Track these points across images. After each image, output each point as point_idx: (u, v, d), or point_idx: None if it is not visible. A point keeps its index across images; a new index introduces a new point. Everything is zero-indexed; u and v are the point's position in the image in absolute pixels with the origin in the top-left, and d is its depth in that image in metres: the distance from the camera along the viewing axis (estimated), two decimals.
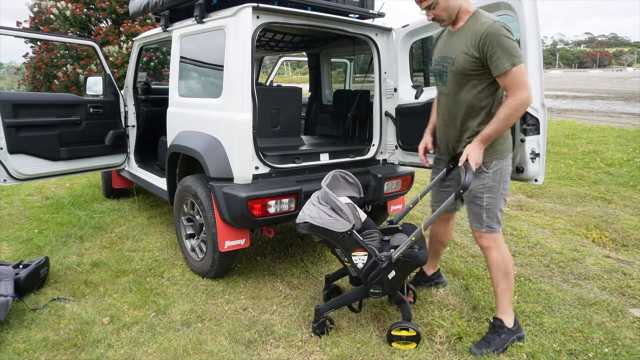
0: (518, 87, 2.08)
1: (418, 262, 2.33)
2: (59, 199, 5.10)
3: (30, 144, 3.62)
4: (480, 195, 2.32)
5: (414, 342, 2.36)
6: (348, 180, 2.66)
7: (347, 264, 2.40)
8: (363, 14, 3.37)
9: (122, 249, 3.68)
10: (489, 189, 2.30)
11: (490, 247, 2.37)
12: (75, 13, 9.84)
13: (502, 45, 2.07)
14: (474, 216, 2.39)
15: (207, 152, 2.92)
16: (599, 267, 3.35)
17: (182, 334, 2.48)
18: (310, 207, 2.35)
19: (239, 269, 3.34)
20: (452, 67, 2.27)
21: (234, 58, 2.80)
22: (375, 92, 3.48)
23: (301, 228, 2.33)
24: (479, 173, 2.29)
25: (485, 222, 2.34)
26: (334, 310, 2.58)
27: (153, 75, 10.38)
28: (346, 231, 2.27)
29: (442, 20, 2.28)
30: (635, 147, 7.52)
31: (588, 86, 35.05)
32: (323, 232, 2.28)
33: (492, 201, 2.31)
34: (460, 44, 2.22)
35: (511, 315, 2.40)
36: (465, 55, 2.19)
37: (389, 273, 2.32)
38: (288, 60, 6.97)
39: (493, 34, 2.08)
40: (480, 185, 2.31)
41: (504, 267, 2.37)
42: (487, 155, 2.26)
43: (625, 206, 4.86)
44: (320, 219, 2.26)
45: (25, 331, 2.50)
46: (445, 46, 2.35)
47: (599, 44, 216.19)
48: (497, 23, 2.10)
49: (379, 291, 2.37)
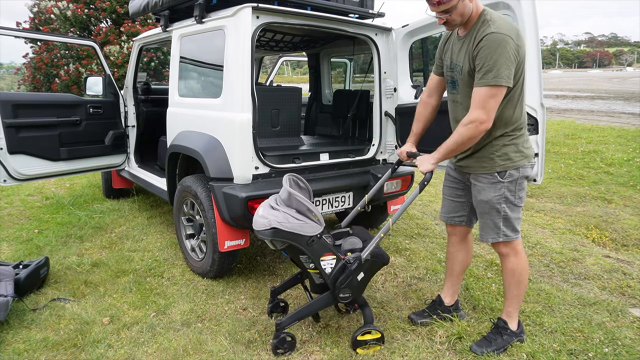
0: (481, 107, 1.99)
1: (383, 262, 2.32)
2: (59, 199, 5.10)
3: (30, 144, 3.62)
4: (497, 207, 2.22)
5: (379, 345, 2.32)
6: (300, 185, 2.45)
7: (312, 271, 2.29)
8: (363, 14, 3.37)
9: (122, 249, 3.68)
10: (506, 199, 2.20)
11: (508, 253, 2.30)
12: (76, 13, 9.84)
13: (488, 60, 1.95)
14: (490, 227, 2.27)
15: (207, 152, 2.92)
16: (599, 267, 3.35)
17: (182, 334, 2.48)
18: (272, 212, 2.18)
19: (239, 269, 3.34)
20: (460, 76, 2.18)
21: (234, 58, 2.80)
22: (375, 92, 3.48)
23: (264, 235, 2.15)
24: (494, 183, 2.20)
25: (503, 231, 2.25)
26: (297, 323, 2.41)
27: (153, 75, 10.38)
28: (316, 235, 2.18)
29: (455, 24, 2.14)
30: (635, 147, 7.52)
31: (588, 86, 35.04)
32: (291, 237, 2.14)
33: (509, 211, 2.22)
34: (466, 52, 2.11)
35: (516, 318, 2.40)
36: (468, 64, 2.09)
37: (358, 275, 2.29)
38: (288, 60, 6.97)
39: (487, 45, 1.96)
40: (497, 195, 2.20)
41: (518, 274, 2.31)
42: (501, 164, 2.17)
43: (625, 206, 4.86)
44: (289, 223, 2.12)
45: (25, 331, 2.50)
46: (454, 52, 2.23)
47: (599, 43, 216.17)
48: (496, 34, 1.95)
49: (349, 295, 2.28)
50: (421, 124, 2.53)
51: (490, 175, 2.20)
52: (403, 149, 2.53)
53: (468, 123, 2.03)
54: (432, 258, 3.53)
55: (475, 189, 2.29)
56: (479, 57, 2.00)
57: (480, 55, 1.99)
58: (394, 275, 3.22)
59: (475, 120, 2.01)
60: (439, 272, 3.27)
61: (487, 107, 1.99)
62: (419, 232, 4.15)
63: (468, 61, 2.09)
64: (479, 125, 2.01)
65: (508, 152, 2.17)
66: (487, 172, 2.21)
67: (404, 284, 3.11)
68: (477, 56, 2.01)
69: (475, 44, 2.03)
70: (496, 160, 2.18)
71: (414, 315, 2.61)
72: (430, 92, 2.49)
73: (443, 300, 2.63)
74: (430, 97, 2.50)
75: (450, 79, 2.29)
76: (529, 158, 2.22)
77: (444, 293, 2.65)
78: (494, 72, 1.95)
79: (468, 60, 2.09)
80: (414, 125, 2.54)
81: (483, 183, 2.24)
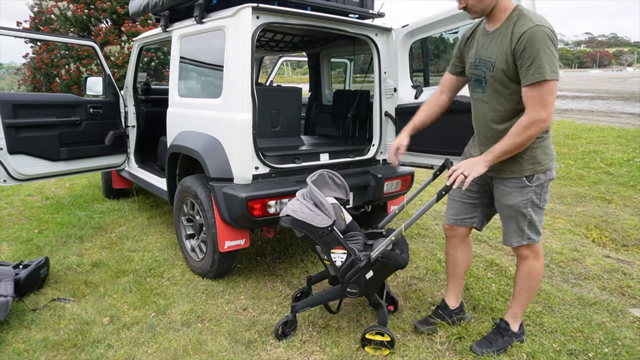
0: (539, 105, 1.87)
1: (397, 265, 2.32)
2: (59, 199, 5.10)
3: (30, 145, 3.62)
4: (524, 211, 2.14)
5: (387, 348, 2.31)
6: (336, 182, 2.59)
7: (326, 262, 2.38)
8: (363, 14, 3.37)
9: (122, 249, 3.68)
10: (532, 203, 2.13)
11: (528, 256, 2.25)
12: (77, 13, 9.85)
13: (538, 55, 1.84)
14: (515, 231, 2.20)
15: (207, 152, 2.92)
16: (599, 267, 3.35)
17: (182, 334, 2.48)
18: (294, 201, 2.35)
19: (239, 269, 3.34)
20: (491, 73, 2.03)
21: (234, 58, 2.80)
22: (375, 92, 3.48)
23: (283, 222, 2.32)
24: (522, 187, 2.10)
25: (527, 234, 2.19)
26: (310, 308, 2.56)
27: (153, 75, 10.38)
28: (326, 227, 2.24)
29: (474, 12, 2.02)
30: (635, 147, 7.52)
31: (588, 86, 35.03)
32: (304, 226, 2.26)
33: (534, 214, 2.15)
34: (500, 46, 1.98)
35: (519, 320, 2.38)
36: (504, 60, 1.96)
37: (367, 273, 2.30)
38: (288, 60, 6.97)
39: (532, 40, 1.84)
40: (524, 200, 2.12)
41: (534, 278, 2.27)
42: (530, 168, 2.07)
43: (625, 206, 4.85)
44: (302, 212, 2.25)
45: (25, 331, 2.50)
46: (482, 48, 2.09)
47: (598, 44, 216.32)
48: (539, 27, 1.85)
49: (356, 291, 2.33)
50: (423, 116, 2.40)
51: (517, 179, 2.11)
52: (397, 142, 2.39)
53: (529, 124, 1.90)
54: (432, 258, 3.53)
55: (500, 193, 2.19)
56: (526, 52, 1.86)
57: (529, 50, 1.85)
58: (394, 275, 3.22)
59: (537, 120, 1.89)
60: (439, 272, 3.27)
61: (546, 104, 1.87)
62: (419, 232, 4.15)
63: (504, 56, 1.95)
64: (541, 125, 1.90)
65: (536, 154, 2.07)
66: (514, 176, 2.11)
67: (404, 284, 3.11)
68: (524, 50, 1.87)
69: (517, 38, 1.89)
70: (524, 164, 2.07)
71: (419, 324, 2.53)
72: (442, 88, 2.40)
73: (448, 304, 2.56)
74: (442, 93, 2.40)
75: (475, 77, 2.14)
76: (554, 160, 2.13)
77: (448, 296, 2.58)
78: (547, 66, 1.84)
79: (504, 55, 1.95)
80: (415, 116, 2.43)
81: (509, 187, 2.14)
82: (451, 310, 2.55)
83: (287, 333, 2.46)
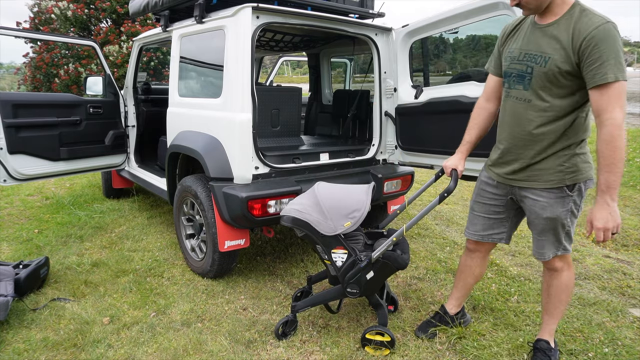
0: (618, 105, 1.75)
1: (397, 266, 2.31)
2: (59, 199, 5.10)
3: (30, 144, 3.62)
4: (564, 221, 2.02)
5: (387, 348, 2.31)
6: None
7: (326, 261, 2.38)
8: (363, 14, 3.37)
9: (122, 249, 3.68)
10: (572, 213, 2.02)
11: (562, 267, 2.13)
12: (76, 13, 9.85)
13: (610, 53, 1.71)
14: (552, 243, 2.08)
15: (207, 152, 2.92)
16: (599, 267, 3.35)
17: (182, 334, 2.48)
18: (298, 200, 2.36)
19: (239, 269, 3.34)
20: (542, 68, 1.87)
21: (234, 58, 2.80)
22: (375, 92, 3.48)
23: (284, 221, 2.32)
24: (562, 197, 1.98)
25: (564, 245, 2.08)
26: (310, 308, 2.56)
27: (153, 75, 10.38)
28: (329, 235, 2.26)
29: (528, 8, 1.89)
30: (635, 147, 7.51)
31: None
32: (306, 227, 2.28)
33: (571, 224, 2.06)
34: (558, 41, 1.84)
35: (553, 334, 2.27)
36: (562, 56, 1.82)
37: (367, 273, 2.30)
38: (288, 60, 6.97)
39: (603, 38, 1.72)
40: (564, 210, 2.00)
41: (570, 289, 2.18)
42: (571, 177, 1.97)
43: (625, 206, 4.85)
44: (310, 215, 2.27)
45: (25, 331, 2.50)
46: (530, 41, 1.94)
47: None
48: (609, 24, 1.73)
49: (356, 291, 2.33)
50: (475, 131, 2.25)
51: (558, 189, 1.98)
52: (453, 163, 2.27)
53: (618, 129, 1.78)
54: (432, 258, 3.53)
55: (537, 206, 2.03)
56: (597, 50, 1.73)
57: (601, 47, 1.72)
58: (394, 275, 3.22)
59: (621, 122, 1.77)
60: (439, 272, 3.27)
61: (623, 105, 1.76)
62: (419, 232, 4.15)
63: (563, 52, 1.81)
64: (623, 125, 1.77)
65: (577, 162, 1.96)
66: (553, 186, 1.98)
67: (404, 284, 3.11)
68: (589, 48, 1.74)
69: (583, 35, 1.75)
70: (565, 173, 1.96)
71: (419, 330, 2.50)
72: (488, 96, 2.22)
73: (448, 311, 2.51)
74: (488, 101, 2.23)
75: (517, 71, 1.98)
76: (593, 169, 2.00)
77: (450, 304, 2.52)
78: (621, 66, 1.73)
79: (564, 51, 1.81)
80: (467, 133, 2.27)
81: (548, 199, 2.00)
82: (452, 316, 2.51)
83: (287, 333, 2.46)
